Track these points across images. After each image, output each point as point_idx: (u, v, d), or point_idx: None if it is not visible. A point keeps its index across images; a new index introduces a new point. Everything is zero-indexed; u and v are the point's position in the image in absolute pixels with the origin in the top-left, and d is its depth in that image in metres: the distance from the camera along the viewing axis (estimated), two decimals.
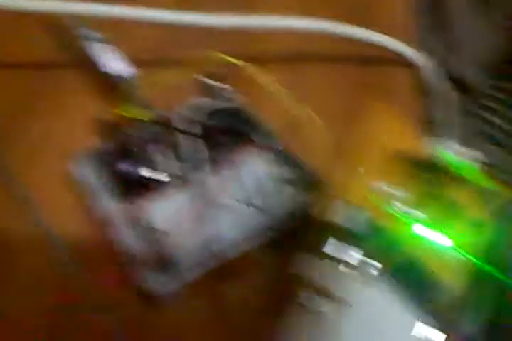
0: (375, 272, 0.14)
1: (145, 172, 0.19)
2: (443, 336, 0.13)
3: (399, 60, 0.27)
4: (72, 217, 0.20)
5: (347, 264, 0.14)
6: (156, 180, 0.19)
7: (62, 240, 0.20)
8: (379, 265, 0.14)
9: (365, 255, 0.14)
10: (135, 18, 0.23)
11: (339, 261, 0.14)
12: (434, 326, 0.13)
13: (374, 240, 0.14)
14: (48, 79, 0.25)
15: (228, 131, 0.20)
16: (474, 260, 0.14)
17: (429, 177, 0.16)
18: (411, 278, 0.14)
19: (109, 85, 0.23)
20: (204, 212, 0.18)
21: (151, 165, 0.20)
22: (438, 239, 0.15)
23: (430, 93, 0.27)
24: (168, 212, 0.18)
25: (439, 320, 0.14)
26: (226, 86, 0.21)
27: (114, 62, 0.23)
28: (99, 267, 0.19)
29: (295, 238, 0.17)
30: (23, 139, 0.23)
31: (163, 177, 0.19)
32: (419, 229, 0.15)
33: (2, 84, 0.25)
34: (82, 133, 0.22)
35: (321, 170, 0.20)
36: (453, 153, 0.18)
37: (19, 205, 0.21)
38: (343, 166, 0.16)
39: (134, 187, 0.19)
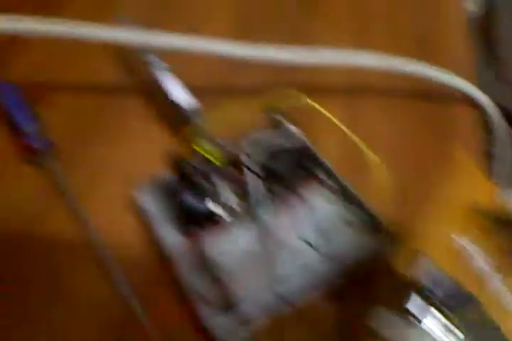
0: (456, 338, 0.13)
1: (209, 205, 0.20)
2: None
3: (459, 97, 0.26)
4: (133, 245, 0.21)
5: (427, 325, 0.13)
6: (219, 215, 0.19)
7: (120, 267, 0.20)
8: (461, 334, 0.13)
9: (447, 319, 0.13)
10: (197, 49, 0.23)
11: (419, 321, 0.13)
12: None
13: (457, 305, 0.14)
14: (113, 104, 0.26)
15: (292, 169, 0.20)
16: None
17: (506, 231, 0.16)
18: None
19: (174, 114, 0.23)
20: (268, 251, 0.18)
21: (215, 199, 0.20)
22: None
23: (489, 129, 0.27)
24: (232, 250, 0.18)
25: None
26: (292, 123, 0.21)
27: (179, 92, 0.23)
28: (158, 299, 0.19)
29: (363, 286, 0.17)
30: (86, 162, 0.24)
31: (226, 212, 0.19)
32: (497, 290, 0.15)
33: (68, 107, 0.26)
34: (144, 159, 0.23)
35: (385, 213, 0.19)
36: None
37: (79, 228, 0.21)
38: (417, 214, 0.16)
39: (197, 220, 0.19)
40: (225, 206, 0.20)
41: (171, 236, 0.19)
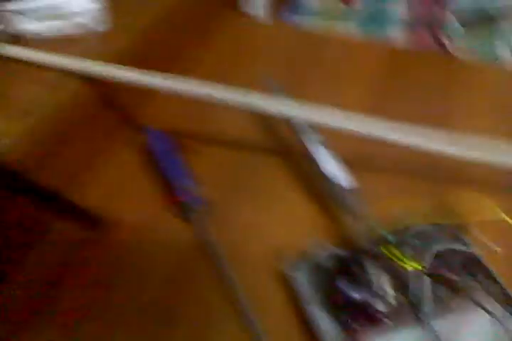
0: None
1: (366, 296, 0.19)
2: None
3: None
4: (279, 316, 0.21)
5: None
6: (376, 308, 0.19)
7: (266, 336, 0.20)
8: None
9: None
10: (350, 129, 0.22)
11: None
12: None
13: None
14: (260, 167, 0.27)
15: (458, 273, 0.20)
16: None
17: None
18: None
19: (326, 188, 0.23)
20: None
21: (372, 291, 0.19)
22: None
23: None
24: None
25: None
26: (460, 227, 0.21)
27: (333, 167, 0.24)
28: None
29: None
30: (236, 223, 0.24)
31: (384, 306, 0.19)
32: None
33: (215, 162, 0.27)
34: (296, 230, 0.23)
35: None
36: None
37: (225, 288, 0.22)
38: None
39: (350, 309, 0.19)
40: (382, 299, 0.19)
41: (324, 322, 0.20)
